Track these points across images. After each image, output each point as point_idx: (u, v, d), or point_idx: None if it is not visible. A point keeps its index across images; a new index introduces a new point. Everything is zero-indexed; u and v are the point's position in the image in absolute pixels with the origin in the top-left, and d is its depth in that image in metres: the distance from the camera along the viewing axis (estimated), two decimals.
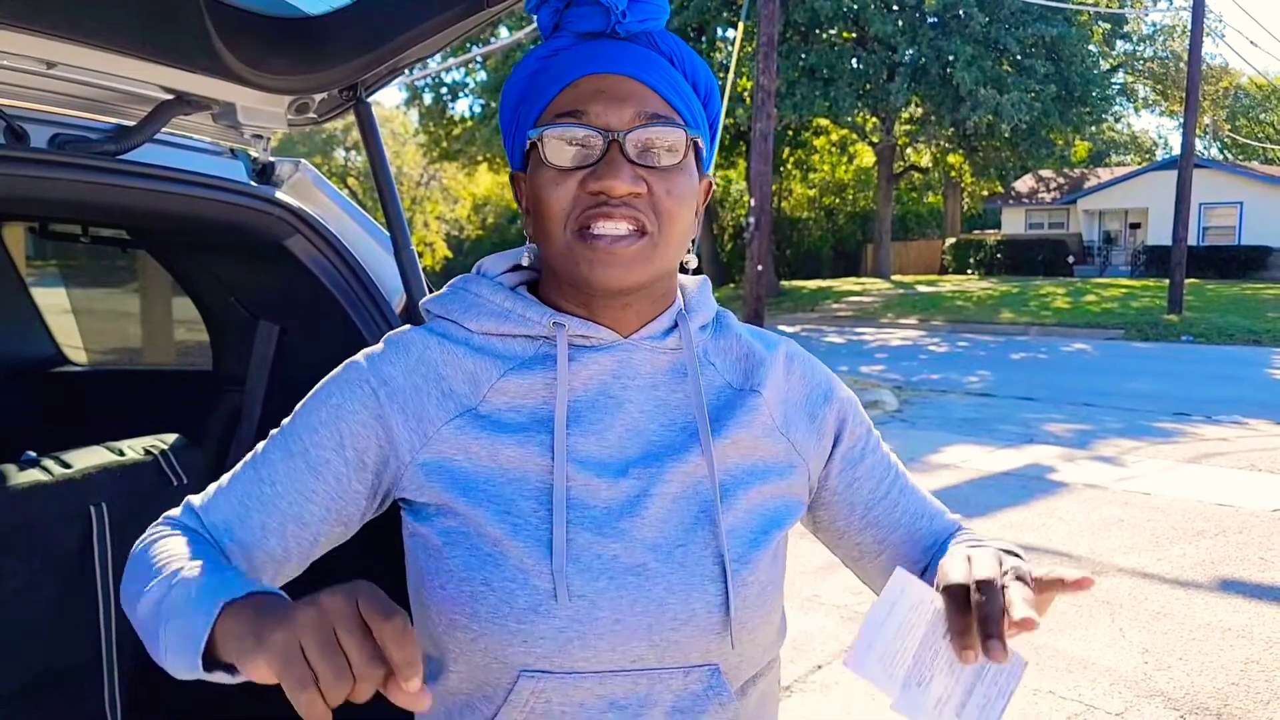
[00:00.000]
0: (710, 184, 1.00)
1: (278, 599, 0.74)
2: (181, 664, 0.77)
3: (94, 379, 2.80)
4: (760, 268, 11.70)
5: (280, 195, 1.69)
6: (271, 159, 1.76)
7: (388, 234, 1.75)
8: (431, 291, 1.78)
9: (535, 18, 0.95)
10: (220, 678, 0.75)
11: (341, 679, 0.65)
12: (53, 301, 3.13)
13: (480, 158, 29.61)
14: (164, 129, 1.52)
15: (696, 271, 1.03)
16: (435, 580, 0.91)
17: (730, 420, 0.95)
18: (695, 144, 0.92)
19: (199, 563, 0.83)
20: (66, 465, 1.69)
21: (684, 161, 0.90)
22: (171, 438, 1.89)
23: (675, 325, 0.97)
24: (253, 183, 1.70)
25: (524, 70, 0.93)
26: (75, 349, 2.98)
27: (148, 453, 1.82)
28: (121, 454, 1.78)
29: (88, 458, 1.73)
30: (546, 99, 0.90)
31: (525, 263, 1.01)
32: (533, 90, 0.92)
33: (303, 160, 1.80)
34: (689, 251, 0.98)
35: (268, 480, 0.92)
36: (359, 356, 0.96)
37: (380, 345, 0.97)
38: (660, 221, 0.88)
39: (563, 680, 0.87)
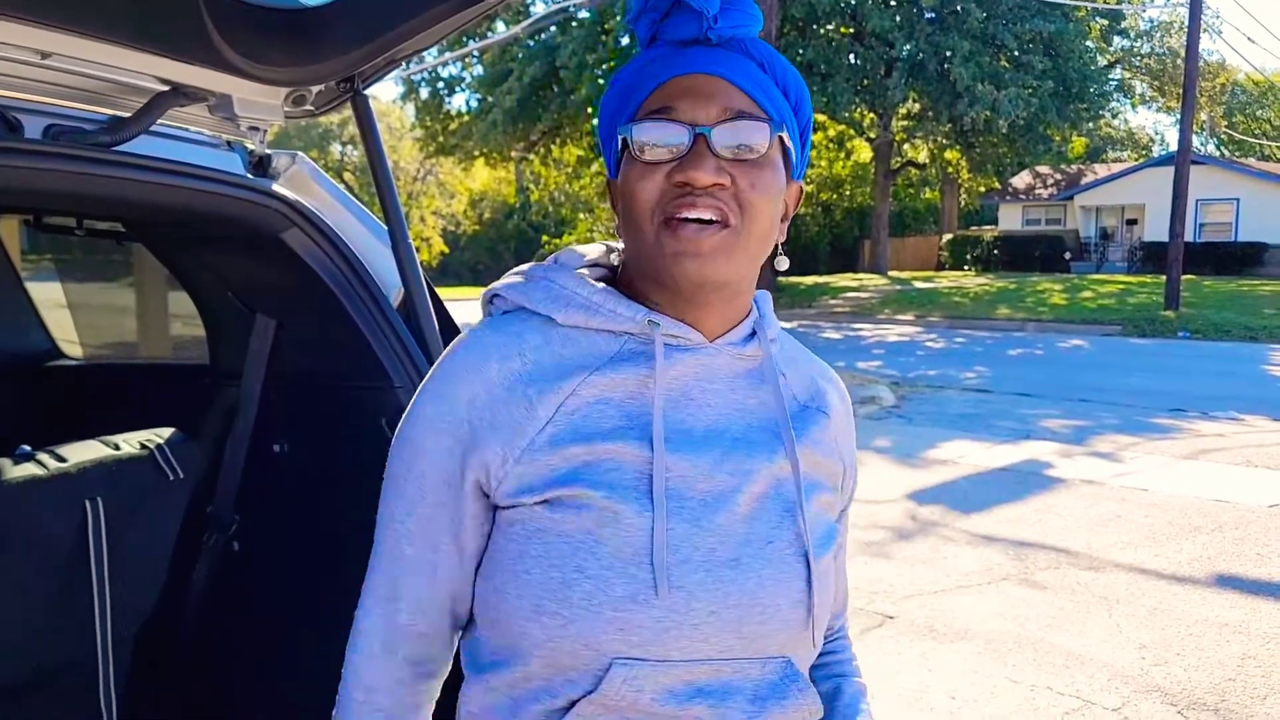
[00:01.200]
0: (801, 190, 1.02)
1: None
2: None
3: (90, 373, 2.79)
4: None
5: (277, 188, 1.68)
6: (268, 151, 1.75)
7: (385, 227, 1.74)
8: (430, 286, 1.77)
9: (634, 30, 0.98)
10: None
11: None
12: (48, 296, 3.12)
13: (477, 152, 29.52)
14: (160, 120, 1.51)
15: (787, 273, 1.07)
16: (520, 565, 0.91)
17: (804, 433, 1.00)
18: (782, 143, 0.94)
19: None
20: (62, 460, 1.68)
21: (769, 157, 0.92)
22: (168, 432, 1.88)
23: (754, 333, 1.00)
24: (249, 175, 1.69)
25: (621, 80, 0.97)
26: (71, 344, 2.97)
27: (144, 447, 1.81)
28: (117, 448, 1.77)
29: (83, 452, 1.72)
30: (638, 101, 0.94)
31: (614, 261, 1.03)
32: (628, 96, 0.95)
33: (299, 153, 1.79)
34: (779, 254, 1.01)
35: (422, 548, 0.97)
36: (427, 394, 0.96)
37: (450, 364, 0.96)
38: (744, 214, 0.90)
39: (654, 668, 0.89)
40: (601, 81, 23.23)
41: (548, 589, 0.89)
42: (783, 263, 1.03)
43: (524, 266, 1.02)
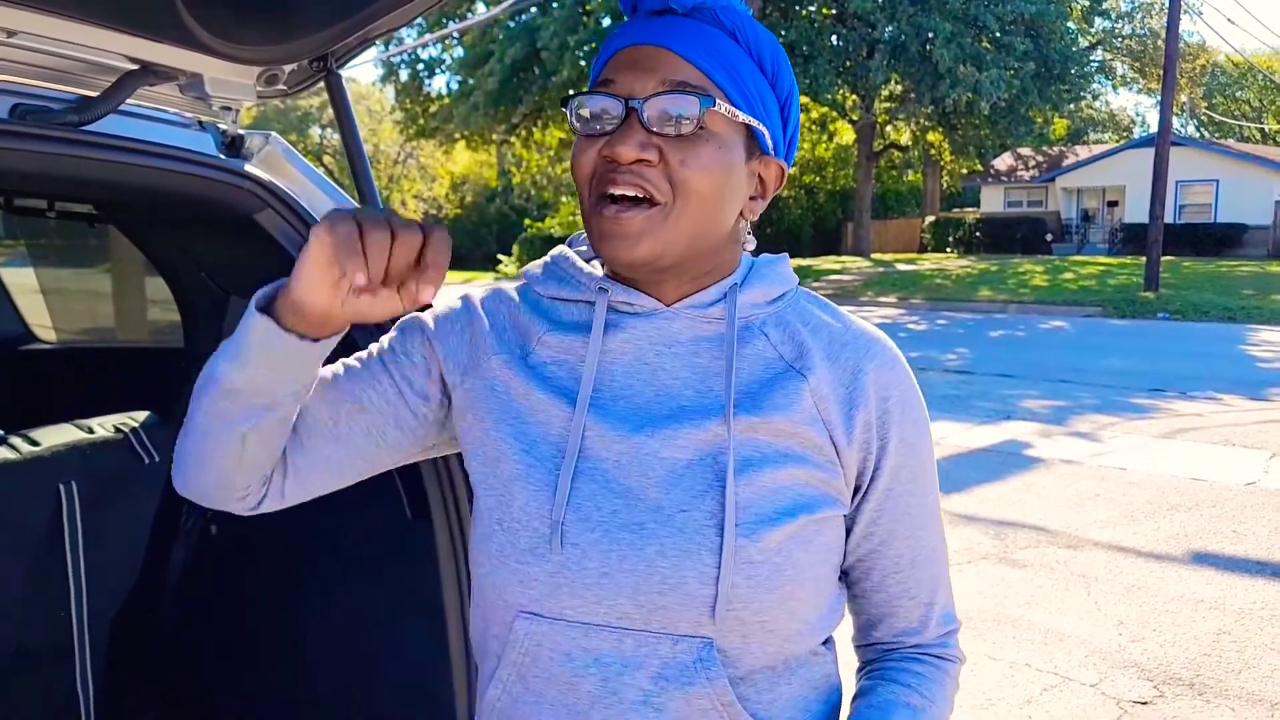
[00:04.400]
0: (781, 168, 0.97)
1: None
2: (239, 340, 0.90)
3: (64, 357, 2.76)
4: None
5: (249, 168, 1.66)
6: (241, 131, 1.73)
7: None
8: None
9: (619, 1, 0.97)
10: (269, 328, 0.88)
11: (384, 243, 0.79)
12: (22, 282, 3.08)
13: (458, 135, 29.32)
14: (130, 100, 1.48)
15: (757, 252, 1.03)
16: (474, 522, 0.99)
17: (768, 400, 0.92)
18: (737, 120, 0.90)
19: None
20: (35, 444, 1.67)
21: (709, 132, 0.88)
22: (143, 415, 1.87)
23: (725, 296, 0.95)
24: (221, 156, 1.67)
25: (604, 54, 0.95)
26: (45, 329, 2.94)
27: (118, 430, 1.79)
28: (91, 432, 1.75)
29: (57, 436, 1.71)
30: (594, 74, 0.94)
31: None
32: (594, 69, 0.95)
33: (272, 133, 1.77)
34: (747, 233, 0.99)
35: (347, 363, 1.03)
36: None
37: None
38: (675, 191, 0.87)
39: (552, 625, 0.90)
40: (583, 63, 23.11)
41: (478, 542, 0.96)
42: (750, 243, 1.00)
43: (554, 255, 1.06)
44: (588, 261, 1.00)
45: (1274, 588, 4.33)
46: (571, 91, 0.96)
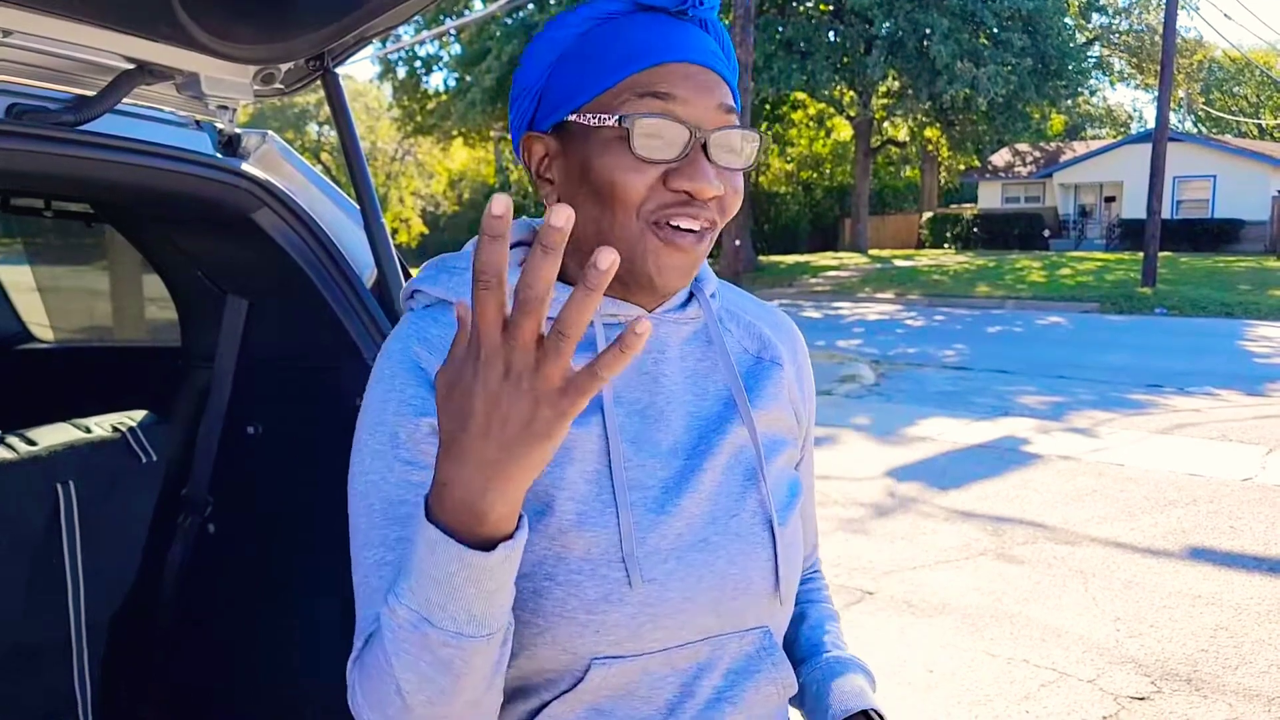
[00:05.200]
0: None
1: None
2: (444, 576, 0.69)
3: (61, 356, 2.76)
4: (738, 242, 11.69)
5: (246, 167, 1.66)
6: (237, 130, 1.73)
7: (357, 207, 1.73)
8: (404, 266, 1.76)
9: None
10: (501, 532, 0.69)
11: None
12: (19, 280, 3.08)
13: (455, 132, 29.32)
14: (126, 100, 1.48)
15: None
16: None
17: (761, 393, 0.98)
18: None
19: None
20: (32, 443, 1.66)
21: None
22: (140, 414, 1.86)
23: (691, 296, 0.98)
24: (218, 155, 1.67)
25: (571, 27, 0.87)
26: (42, 327, 2.94)
27: (116, 430, 1.79)
28: (89, 431, 1.75)
29: (54, 435, 1.71)
30: (624, 72, 0.84)
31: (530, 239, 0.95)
32: (586, 55, 0.86)
33: (269, 132, 1.77)
34: None
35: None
36: (388, 368, 0.88)
37: (386, 357, 0.89)
38: (721, 218, 0.89)
39: (633, 661, 0.87)
40: None
41: (520, 600, 0.84)
42: None
43: (438, 258, 0.94)
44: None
45: (1271, 583, 4.34)
46: (618, 103, 0.85)
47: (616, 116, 0.83)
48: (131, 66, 1.46)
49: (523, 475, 0.65)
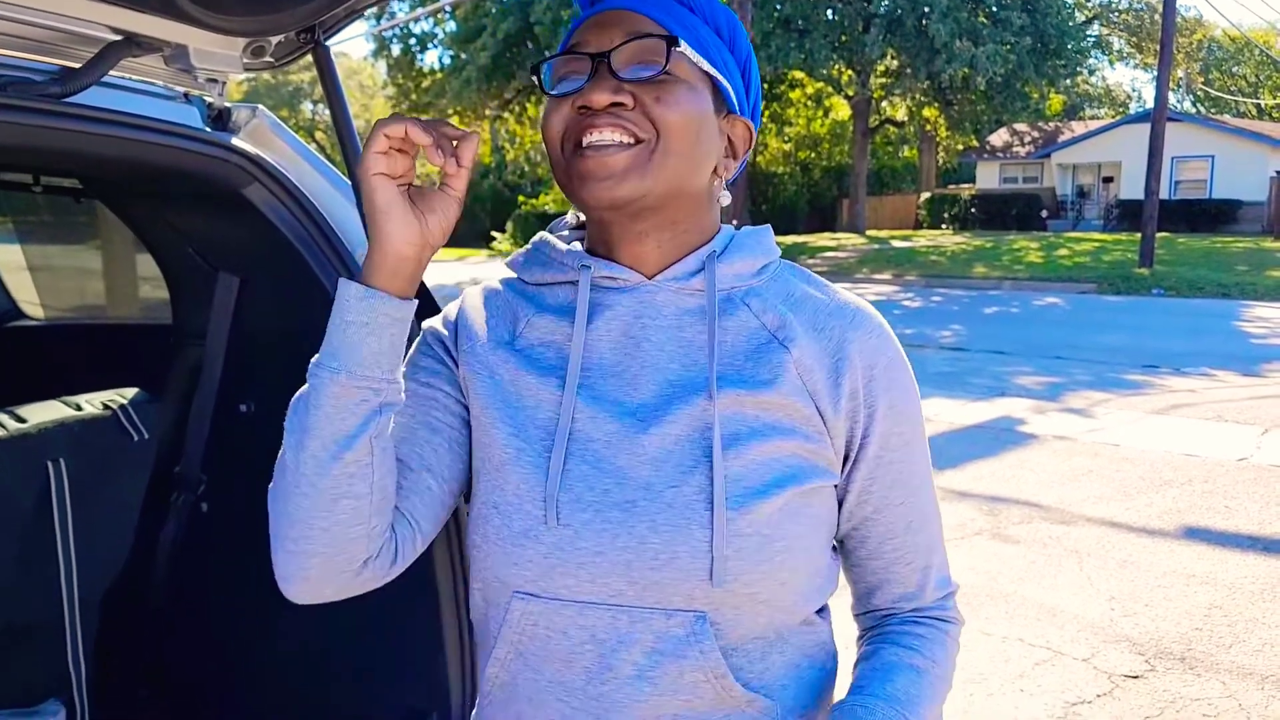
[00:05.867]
0: (749, 129, 1.00)
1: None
2: (344, 332, 0.88)
3: (51, 333, 2.74)
4: (735, 222, 11.65)
5: (236, 142, 1.64)
6: (227, 104, 1.70)
7: (349, 182, 1.71)
8: None
9: None
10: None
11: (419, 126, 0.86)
12: (8, 258, 3.05)
13: (450, 111, 29.14)
14: (114, 72, 1.46)
15: (725, 212, 1.03)
16: (470, 505, 0.99)
17: (752, 374, 0.93)
18: (709, 76, 0.94)
19: None
20: (22, 420, 1.65)
21: (677, 76, 0.91)
22: (131, 392, 1.85)
23: (704, 267, 0.96)
24: (208, 129, 1.65)
25: (574, 25, 0.99)
26: (33, 305, 2.92)
27: (106, 407, 1.78)
28: (79, 409, 1.74)
29: (44, 413, 1.70)
30: (561, 48, 0.96)
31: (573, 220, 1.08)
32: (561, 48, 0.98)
33: (260, 106, 1.74)
34: (722, 189, 0.99)
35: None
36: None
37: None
38: (657, 129, 0.89)
39: (547, 605, 0.91)
40: None
41: (475, 524, 0.96)
42: (725, 198, 1.02)
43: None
44: (568, 244, 1.01)
45: (1265, 563, 4.35)
46: (542, 60, 0.98)
47: (538, 76, 0.96)
48: (118, 38, 1.43)
49: (377, 235, 0.87)
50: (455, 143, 0.89)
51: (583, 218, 1.04)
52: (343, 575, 0.91)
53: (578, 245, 1.00)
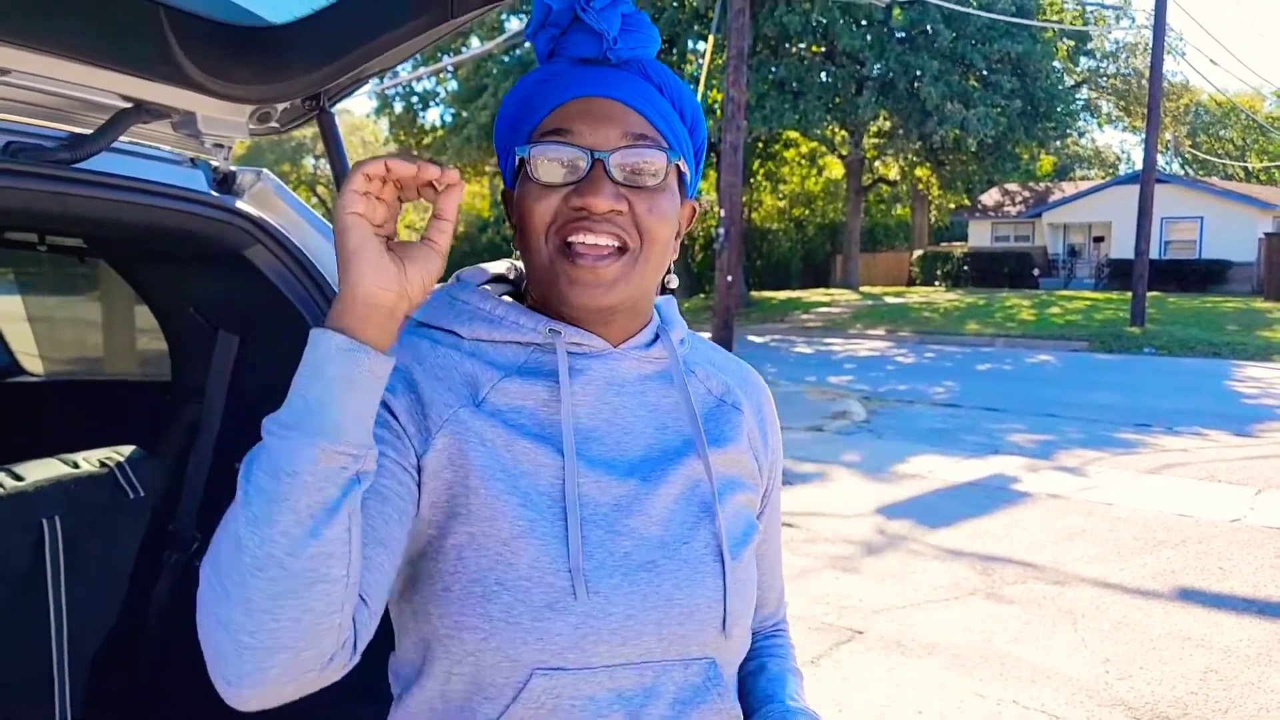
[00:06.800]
0: (694, 208, 1.04)
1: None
2: (308, 389, 0.78)
3: (49, 389, 2.75)
4: (730, 278, 11.74)
5: (240, 205, 1.67)
6: (233, 168, 1.74)
7: None
8: None
9: (531, 44, 0.99)
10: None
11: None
12: (9, 309, 3.08)
13: (451, 167, 29.45)
14: (122, 137, 1.50)
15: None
16: (436, 584, 0.90)
17: (719, 434, 1.02)
18: (679, 168, 0.97)
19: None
20: (19, 478, 1.66)
21: (665, 183, 0.94)
22: (129, 449, 1.86)
23: (657, 337, 1.02)
24: (213, 192, 1.68)
25: (518, 93, 0.98)
26: (31, 357, 2.93)
27: (103, 465, 1.79)
28: (76, 466, 1.75)
29: (41, 470, 1.70)
30: (537, 119, 0.95)
31: (511, 276, 1.06)
32: (525, 112, 0.96)
33: (264, 170, 1.79)
34: (669, 272, 1.03)
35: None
36: None
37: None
38: (642, 239, 0.92)
39: (575, 675, 0.89)
40: None
41: (468, 604, 0.88)
42: (672, 281, 1.06)
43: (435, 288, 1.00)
44: (484, 298, 0.98)
45: (1260, 626, 4.33)
46: (530, 141, 0.95)
47: (523, 151, 0.93)
48: (129, 105, 1.47)
49: (346, 277, 0.79)
50: (438, 188, 0.82)
51: (508, 270, 1.05)
52: (308, 673, 0.78)
53: (507, 298, 1.00)
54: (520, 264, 1.03)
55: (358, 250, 0.78)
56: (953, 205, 36.74)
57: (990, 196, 35.52)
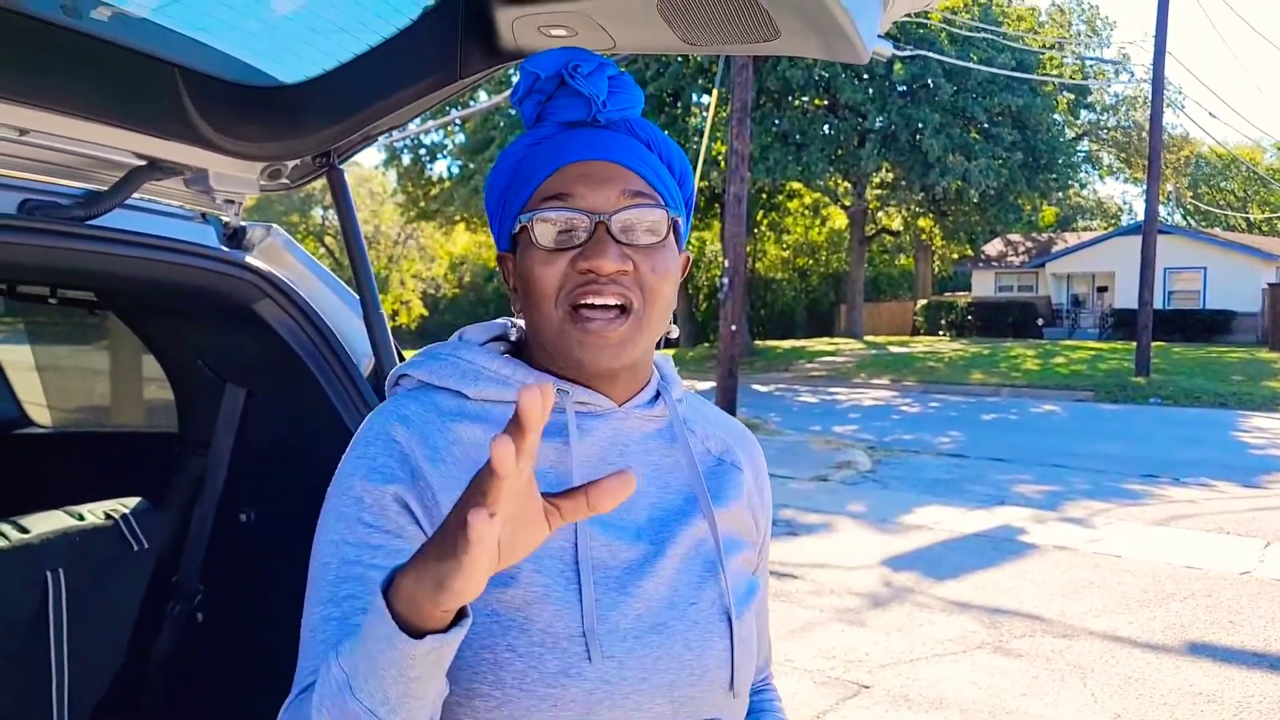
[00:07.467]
0: (688, 259, 1.05)
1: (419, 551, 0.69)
2: (390, 670, 0.70)
3: (56, 441, 2.77)
4: (734, 327, 11.78)
5: (250, 260, 1.70)
6: (242, 224, 1.77)
7: (357, 297, 1.76)
8: (400, 354, 1.79)
9: (520, 110, 1.00)
10: (434, 643, 0.69)
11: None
12: (18, 359, 3.10)
13: (458, 217, 29.76)
14: (135, 193, 1.53)
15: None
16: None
17: (721, 493, 1.02)
18: (675, 223, 0.98)
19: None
20: (24, 530, 1.67)
21: (666, 239, 0.95)
22: (133, 501, 1.87)
23: (659, 395, 1.02)
24: (223, 248, 1.71)
25: (510, 158, 0.99)
26: (39, 407, 2.95)
27: (108, 517, 1.79)
28: (81, 519, 1.76)
29: (46, 523, 1.71)
30: (534, 184, 0.95)
31: (513, 337, 1.04)
32: (519, 177, 0.97)
33: (274, 225, 1.82)
34: (672, 322, 1.04)
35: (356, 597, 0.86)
36: (350, 460, 0.92)
37: (369, 427, 0.94)
38: (645, 297, 0.93)
39: None
40: None
41: (479, 671, 0.86)
42: (673, 331, 1.07)
43: (427, 347, 1.02)
44: (492, 358, 0.98)
45: (1271, 679, 4.27)
46: (529, 208, 0.94)
47: (526, 218, 0.93)
48: (143, 163, 1.50)
49: (451, 589, 0.64)
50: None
51: (510, 331, 1.03)
52: None
53: (504, 356, 0.99)
54: (520, 321, 1.03)
55: (476, 563, 0.63)
56: (956, 255, 36.93)
57: (993, 246, 35.71)
